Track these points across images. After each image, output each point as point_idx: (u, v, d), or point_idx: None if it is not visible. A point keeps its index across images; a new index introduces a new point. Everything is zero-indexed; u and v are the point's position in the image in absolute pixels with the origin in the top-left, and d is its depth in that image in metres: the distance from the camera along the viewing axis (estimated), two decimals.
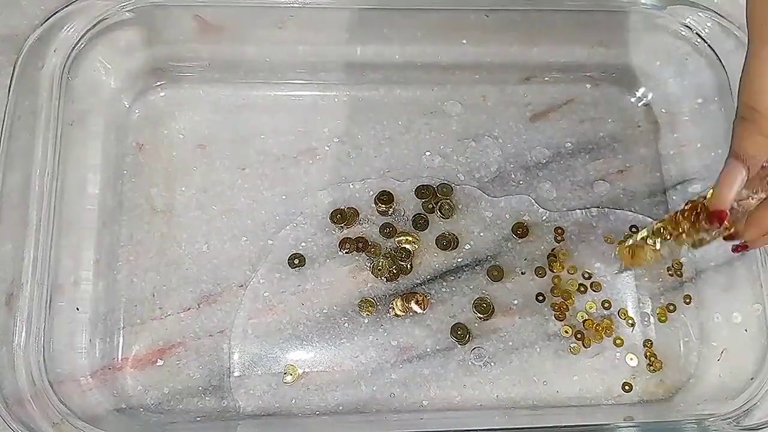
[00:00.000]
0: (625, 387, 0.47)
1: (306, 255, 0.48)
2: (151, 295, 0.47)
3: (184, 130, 0.50)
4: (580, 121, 0.53)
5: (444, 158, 0.51)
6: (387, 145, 0.51)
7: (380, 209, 0.49)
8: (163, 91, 0.51)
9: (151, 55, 0.49)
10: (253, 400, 0.45)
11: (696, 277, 0.49)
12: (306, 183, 0.50)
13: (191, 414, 0.45)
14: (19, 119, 0.43)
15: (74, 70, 0.46)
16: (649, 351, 0.48)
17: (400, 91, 0.52)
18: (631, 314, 0.48)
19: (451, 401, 0.46)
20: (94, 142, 0.48)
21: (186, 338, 0.46)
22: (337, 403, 0.46)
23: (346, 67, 0.51)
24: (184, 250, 0.48)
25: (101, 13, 0.46)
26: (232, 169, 0.49)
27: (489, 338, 0.47)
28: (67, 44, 0.45)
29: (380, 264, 0.48)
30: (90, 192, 0.47)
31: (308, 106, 0.51)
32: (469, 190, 0.50)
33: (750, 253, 0.47)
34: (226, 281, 0.47)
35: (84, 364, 0.44)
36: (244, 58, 0.50)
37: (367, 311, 0.47)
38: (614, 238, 0.49)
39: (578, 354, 0.47)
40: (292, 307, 0.47)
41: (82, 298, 0.45)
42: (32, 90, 0.44)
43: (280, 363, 0.46)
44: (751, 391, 0.44)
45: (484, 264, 0.49)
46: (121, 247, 0.47)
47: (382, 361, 0.46)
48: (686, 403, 0.46)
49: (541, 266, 0.49)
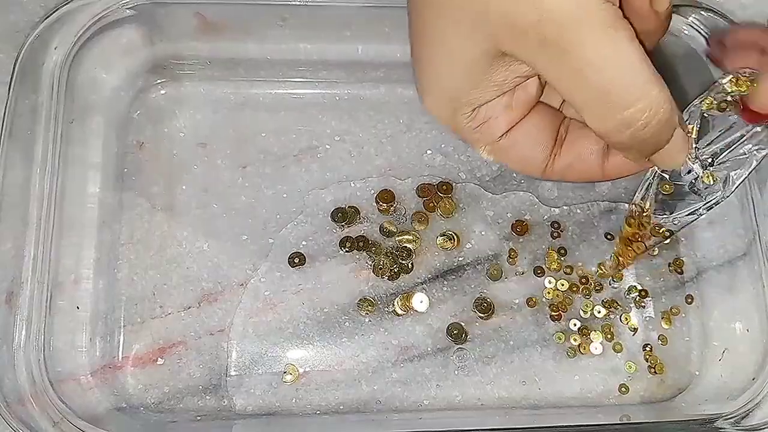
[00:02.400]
0: (622, 389, 0.47)
1: (307, 254, 0.48)
2: (151, 294, 0.47)
3: (185, 129, 0.50)
4: None
5: (445, 157, 0.51)
6: (388, 144, 0.51)
7: (381, 208, 0.49)
8: (164, 89, 0.50)
9: (152, 53, 0.49)
10: (253, 399, 0.45)
11: (697, 277, 0.49)
12: (307, 181, 0.49)
13: (192, 413, 0.45)
14: (19, 117, 0.43)
15: (74, 67, 0.46)
16: (650, 354, 0.47)
17: (402, 89, 0.52)
18: (632, 315, 0.48)
19: (452, 401, 0.46)
20: (95, 140, 0.47)
21: (186, 337, 0.46)
22: (337, 403, 0.46)
23: (347, 65, 0.51)
24: (184, 249, 0.48)
25: (102, 11, 0.46)
26: (232, 168, 0.49)
27: (489, 338, 0.47)
28: (68, 42, 0.45)
29: (381, 263, 0.48)
30: (90, 190, 0.46)
31: (309, 105, 0.51)
32: (471, 189, 0.50)
33: (752, 252, 0.47)
34: (227, 280, 0.47)
35: (84, 362, 0.44)
36: (245, 56, 0.50)
37: (367, 310, 0.47)
38: (614, 234, 0.49)
39: (579, 354, 0.47)
40: (292, 305, 0.47)
41: (83, 297, 0.45)
42: (32, 88, 0.44)
43: (280, 362, 0.46)
44: (753, 391, 0.44)
45: (485, 263, 0.48)
46: (122, 245, 0.47)
47: (383, 361, 0.46)
48: (687, 404, 0.46)
49: (540, 266, 0.49)
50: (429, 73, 0.33)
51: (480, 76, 0.32)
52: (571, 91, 0.29)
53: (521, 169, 0.36)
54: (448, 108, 0.34)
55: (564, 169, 0.36)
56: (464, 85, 0.32)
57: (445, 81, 0.33)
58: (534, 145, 0.35)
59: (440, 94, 0.34)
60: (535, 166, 0.36)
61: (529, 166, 0.36)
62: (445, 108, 0.34)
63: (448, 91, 0.33)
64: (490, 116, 0.34)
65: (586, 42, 0.28)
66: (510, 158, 0.36)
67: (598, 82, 0.28)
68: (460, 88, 0.33)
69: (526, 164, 0.36)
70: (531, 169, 0.36)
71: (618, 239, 0.44)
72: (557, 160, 0.36)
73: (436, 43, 0.32)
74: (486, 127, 0.34)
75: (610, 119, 0.29)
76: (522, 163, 0.36)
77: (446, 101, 0.34)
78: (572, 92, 0.29)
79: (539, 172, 0.36)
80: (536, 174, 0.36)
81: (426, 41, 0.32)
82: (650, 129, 0.29)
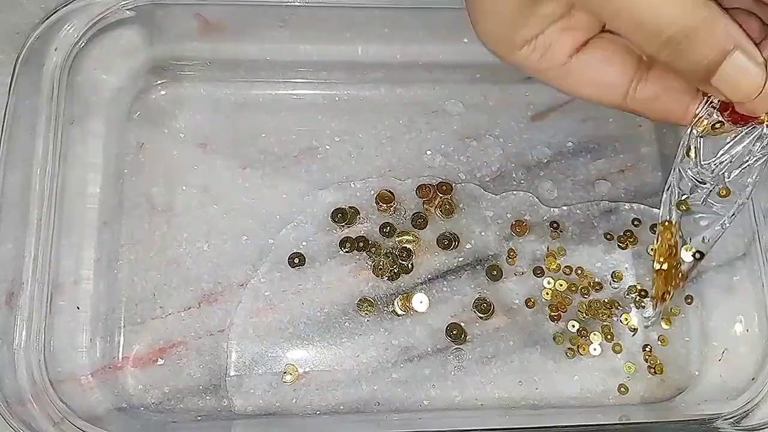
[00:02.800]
0: (621, 389, 0.47)
1: (307, 254, 0.48)
2: (151, 294, 0.47)
3: (185, 129, 0.50)
4: (581, 121, 0.52)
5: (445, 157, 0.51)
6: (388, 144, 0.51)
7: (381, 208, 0.49)
8: (164, 90, 0.51)
9: (152, 54, 0.49)
10: (253, 400, 0.45)
11: (697, 277, 0.49)
12: (307, 182, 0.50)
13: (192, 413, 0.45)
14: (20, 118, 0.43)
15: (75, 68, 0.46)
16: (650, 354, 0.47)
17: (402, 90, 0.52)
18: (632, 315, 0.48)
19: (452, 401, 0.46)
20: (95, 140, 0.47)
21: (187, 337, 0.46)
22: (337, 403, 0.46)
23: (347, 66, 0.51)
24: (184, 249, 0.48)
25: (102, 12, 0.46)
26: (232, 168, 0.49)
27: (489, 338, 0.47)
28: (68, 43, 0.45)
29: (381, 263, 0.48)
30: (90, 191, 0.46)
31: (309, 105, 0.51)
32: (470, 189, 0.50)
33: (752, 252, 0.47)
34: (227, 280, 0.47)
35: (85, 363, 0.44)
36: (245, 56, 0.50)
37: (367, 311, 0.47)
38: (614, 234, 0.50)
39: (578, 355, 0.47)
40: (292, 306, 0.47)
41: (83, 297, 0.45)
42: (33, 89, 0.44)
43: (280, 362, 0.46)
44: (753, 391, 0.44)
45: (485, 263, 0.48)
46: (122, 246, 0.47)
47: (383, 361, 0.46)
48: (687, 403, 0.46)
49: (540, 266, 0.49)
50: (479, 11, 0.33)
51: (527, 10, 0.31)
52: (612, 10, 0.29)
53: (599, 97, 0.34)
54: (505, 47, 0.33)
55: (649, 100, 0.33)
56: (514, 21, 0.32)
57: (497, 20, 0.32)
58: (608, 66, 0.33)
59: (494, 34, 0.33)
60: (615, 91, 0.33)
61: (608, 91, 0.33)
62: (503, 46, 0.33)
63: (501, 29, 0.32)
64: (550, 41, 0.32)
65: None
66: (584, 83, 0.33)
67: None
68: (511, 24, 0.32)
69: (604, 90, 0.33)
70: (610, 96, 0.33)
71: (654, 278, 0.40)
72: (642, 88, 0.33)
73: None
74: (550, 54, 0.33)
75: (652, 39, 0.29)
76: (599, 89, 0.33)
77: (501, 40, 0.33)
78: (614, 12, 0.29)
79: (620, 98, 0.33)
80: (617, 101, 0.33)
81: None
82: (703, 44, 0.28)
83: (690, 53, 0.29)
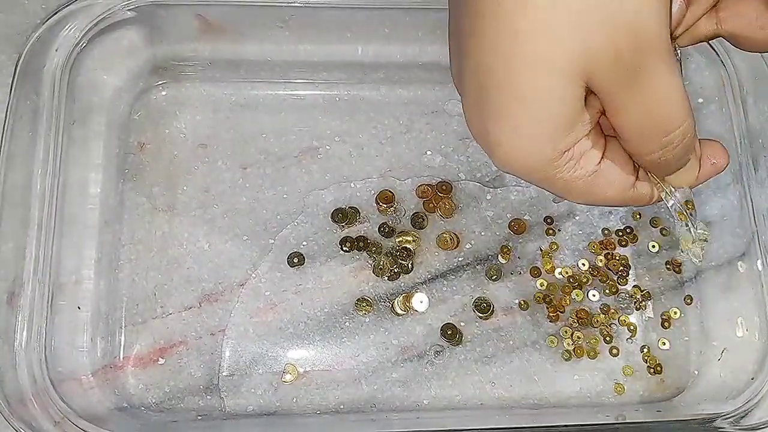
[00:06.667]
0: (620, 389, 0.47)
1: (307, 254, 0.48)
2: (152, 294, 0.47)
3: (186, 130, 0.50)
4: None
5: (445, 157, 0.51)
6: (388, 145, 0.51)
7: (381, 208, 0.49)
8: (165, 91, 0.51)
9: (153, 55, 0.49)
10: (253, 399, 0.45)
11: (697, 277, 0.49)
12: (307, 182, 0.50)
13: (192, 412, 0.45)
14: (21, 118, 0.43)
15: (76, 69, 0.46)
16: (649, 353, 0.48)
17: (401, 90, 0.52)
18: (631, 315, 0.48)
19: (452, 400, 0.46)
20: (96, 141, 0.48)
21: (187, 337, 0.46)
22: (337, 402, 0.46)
23: (347, 67, 0.51)
24: (185, 249, 0.48)
25: (103, 12, 0.46)
26: (233, 169, 0.50)
27: (488, 338, 0.47)
28: (69, 43, 0.45)
29: (381, 263, 0.48)
30: (91, 191, 0.47)
31: (309, 106, 0.51)
32: (470, 189, 0.50)
33: (751, 252, 0.47)
34: (227, 280, 0.47)
35: (85, 362, 0.44)
36: (246, 57, 0.50)
37: (366, 310, 0.47)
38: (613, 232, 0.50)
39: (577, 355, 0.47)
40: (292, 306, 0.47)
41: (84, 297, 0.45)
42: (34, 89, 0.44)
43: (280, 362, 0.46)
44: (752, 391, 0.44)
45: (485, 263, 0.49)
46: (123, 246, 0.47)
47: (383, 360, 0.46)
48: (686, 403, 0.46)
49: (538, 266, 0.49)
50: (510, 127, 0.30)
51: (576, 117, 0.30)
52: (631, 114, 0.29)
53: (623, 197, 0.34)
54: (540, 159, 0.31)
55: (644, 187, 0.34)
56: (560, 129, 0.30)
57: (535, 131, 0.30)
58: (627, 164, 0.33)
59: (530, 148, 0.31)
60: (629, 185, 0.34)
61: (626, 189, 0.34)
62: (536, 159, 0.31)
63: (540, 141, 0.30)
64: (584, 150, 0.32)
65: (661, 69, 0.28)
66: (608, 186, 0.33)
67: (657, 108, 0.29)
68: (555, 134, 0.30)
69: (622, 189, 0.34)
70: (626, 193, 0.34)
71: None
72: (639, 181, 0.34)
73: (520, 93, 0.29)
74: (583, 162, 0.32)
75: (655, 141, 0.30)
76: (619, 190, 0.34)
77: (536, 153, 0.31)
78: (632, 116, 0.29)
79: (630, 192, 0.34)
80: (629, 197, 0.34)
81: (505, 94, 0.30)
82: (681, 148, 0.31)
83: (679, 152, 0.31)
